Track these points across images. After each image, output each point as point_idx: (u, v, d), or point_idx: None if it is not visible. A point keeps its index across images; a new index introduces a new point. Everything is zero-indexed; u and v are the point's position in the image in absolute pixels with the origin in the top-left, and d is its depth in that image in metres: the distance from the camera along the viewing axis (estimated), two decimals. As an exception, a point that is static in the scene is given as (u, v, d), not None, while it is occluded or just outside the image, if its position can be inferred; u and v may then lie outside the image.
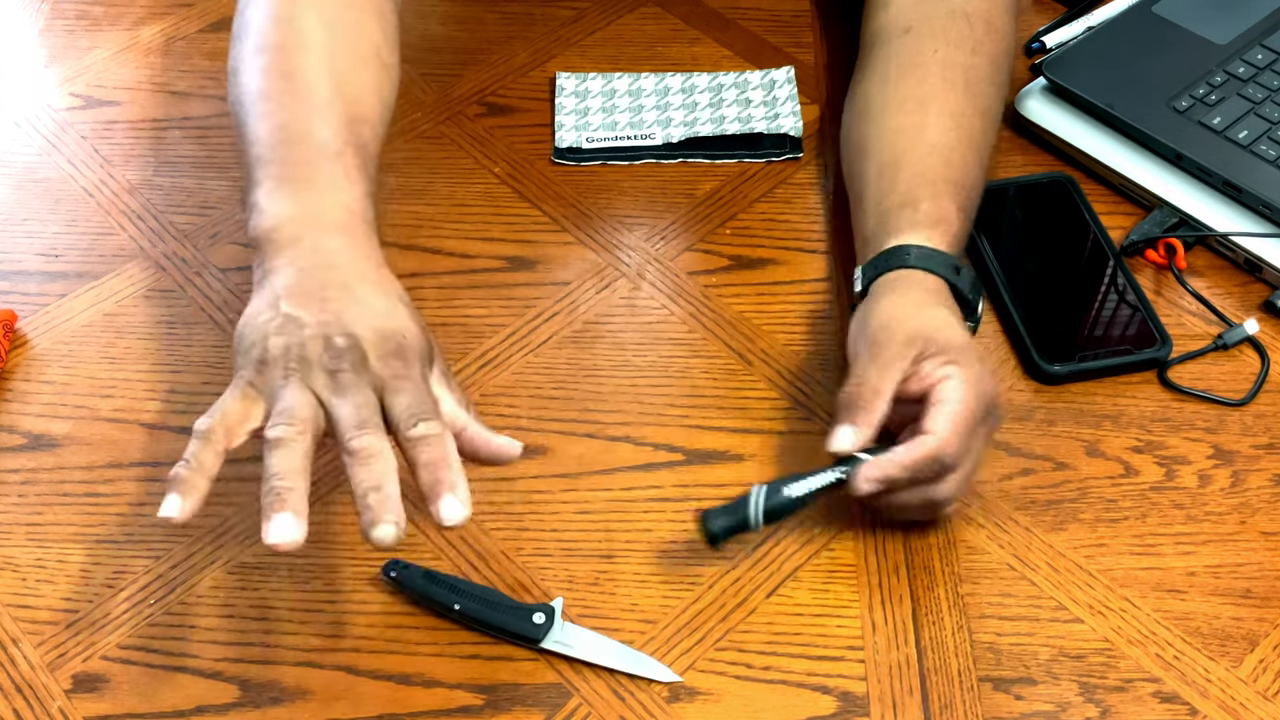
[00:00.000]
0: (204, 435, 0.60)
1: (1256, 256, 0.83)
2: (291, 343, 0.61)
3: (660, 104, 0.95)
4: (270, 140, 0.70)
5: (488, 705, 0.67)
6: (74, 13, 1.06)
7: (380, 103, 0.76)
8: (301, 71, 0.73)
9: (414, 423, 0.60)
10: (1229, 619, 0.69)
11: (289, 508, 0.58)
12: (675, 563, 0.72)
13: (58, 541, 0.74)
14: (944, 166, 0.77)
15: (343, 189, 0.69)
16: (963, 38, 0.82)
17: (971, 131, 0.79)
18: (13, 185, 0.93)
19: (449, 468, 0.60)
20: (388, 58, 0.79)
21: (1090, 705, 0.66)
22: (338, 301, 0.63)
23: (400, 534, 0.58)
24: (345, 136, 0.71)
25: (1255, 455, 0.76)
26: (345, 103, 0.73)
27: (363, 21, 0.78)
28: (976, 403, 0.67)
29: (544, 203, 0.90)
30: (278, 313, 0.63)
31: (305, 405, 0.60)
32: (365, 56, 0.77)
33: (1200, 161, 0.86)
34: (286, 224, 0.67)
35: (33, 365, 0.82)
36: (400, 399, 0.61)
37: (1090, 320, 0.82)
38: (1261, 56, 0.92)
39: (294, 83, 0.73)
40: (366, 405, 0.61)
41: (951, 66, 0.82)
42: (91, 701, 0.67)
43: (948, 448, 0.66)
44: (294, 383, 0.61)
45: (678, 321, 0.83)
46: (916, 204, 0.76)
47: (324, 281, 0.64)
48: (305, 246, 0.66)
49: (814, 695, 0.67)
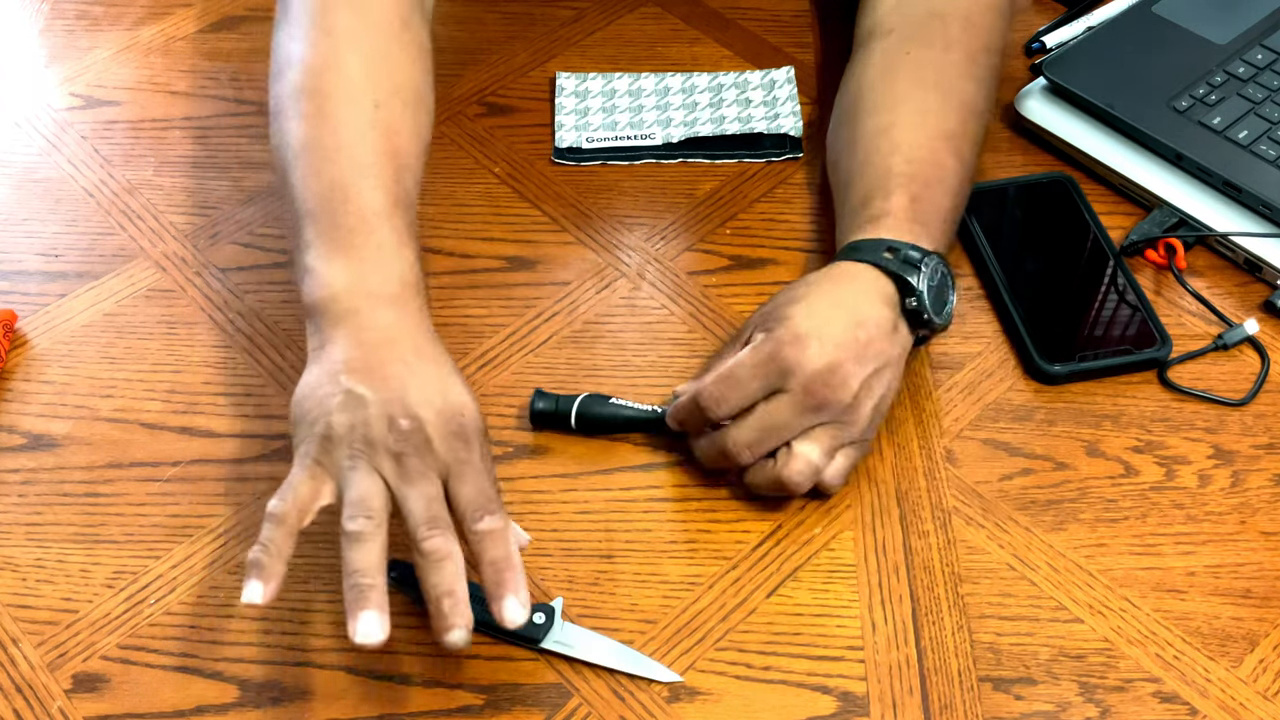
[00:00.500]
0: (278, 519, 0.62)
1: (1256, 256, 0.83)
2: (355, 421, 0.63)
3: (660, 104, 0.95)
4: (318, 197, 0.71)
5: (488, 705, 0.67)
6: (74, 13, 1.06)
7: (420, 144, 0.76)
8: (347, 122, 0.73)
9: (479, 517, 0.63)
10: (1229, 619, 0.69)
11: (373, 605, 0.60)
12: (675, 563, 0.72)
13: (58, 541, 0.74)
14: (904, 164, 0.77)
15: (395, 256, 0.70)
16: (936, 36, 0.83)
17: (945, 125, 0.80)
18: (13, 185, 0.93)
19: (512, 568, 0.62)
20: (427, 95, 0.79)
21: (1090, 705, 0.66)
22: (398, 379, 0.65)
23: (469, 636, 0.61)
24: (394, 194, 0.72)
25: (1255, 455, 0.76)
26: (390, 155, 0.73)
27: (403, 60, 0.77)
28: (756, 364, 0.70)
29: (544, 203, 0.90)
30: (339, 387, 0.64)
31: (377, 495, 0.62)
32: (407, 99, 0.76)
33: (1200, 161, 0.86)
34: (342, 295, 0.68)
35: (33, 365, 0.82)
36: (465, 488, 0.63)
37: (1090, 320, 0.82)
38: (1261, 56, 0.92)
39: (339, 135, 0.72)
40: (435, 499, 0.63)
41: (923, 65, 0.82)
42: (91, 701, 0.67)
43: (702, 396, 0.70)
44: (362, 466, 0.63)
45: (678, 321, 0.83)
46: (868, 203, 0.77)
47: (384, 358, 0.66)
48: (363, 320, 0.67)
49: (814, 695, 0.67)
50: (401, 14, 0.78)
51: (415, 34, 0.79)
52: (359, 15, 0.76)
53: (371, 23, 0.76)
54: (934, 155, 0.78)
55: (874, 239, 0.74)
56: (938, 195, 0.77)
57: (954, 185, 0.79)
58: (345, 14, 0.76)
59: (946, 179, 0.78)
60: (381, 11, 0.77)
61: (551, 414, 0.77)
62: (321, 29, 0.75)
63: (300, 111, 0.73)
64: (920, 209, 0.76)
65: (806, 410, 0.69)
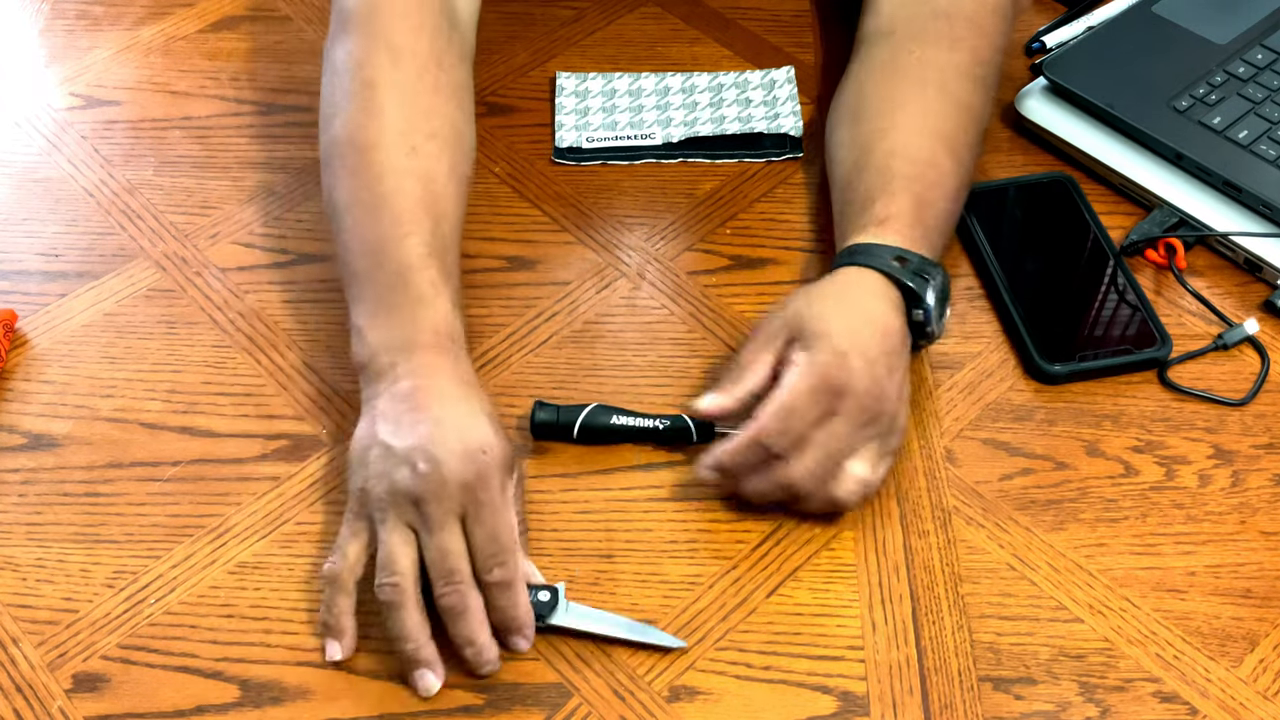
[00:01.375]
0: (335, 583, 0.68)
1: (1256, 256, 0.83)
2: (384, 471, 0.67)
3: (660, 104, 0.95)
4: (360, 256, 0.74)
5: (488, 705, 0.67)
6: (74, 13, 1.06)
7: (458, 182, 0.78)
8: (385, 173, 0.75)
9: (489, 568, 0.66)
10: (1229, 619, 0.69)
11: (424, 664, 0.66)
12: (675, 563, 0.72)
13: (58, 541, 0.74)
14: (906, 165, 0.78)
15: (429, 307, 0.72)
16: (940, 36, 0.83)
17: (944, 127, 0.80)
18: (13, 185, 0.93)
19: (517, 618, 0.67)
20: (465, 130, 0.81)
21: (1090, 705, 0.66)
22: (423, 425, 0.68)
23: (497, 668, 0.67)
24: (430, 244, 0.74)
25: (1255, 455, 0.76)
26: (428, 204, 0.75)
27: (438, 101, 0.79)
28: (811, 391, 0.68)
29: (544, 203, 0.90)
30: (375, 440, 0.68)
31: (403, 555, 0.66)
32: (446, 138, 0.78)
33: (1200, 161, 0.86)
34: (381, 353, 0.71)
35: (33, 365, 0.82)
36: (479, 532, 0.66)
37: (1090, 320, 0.82)
38: (1261, 56, 0.92)
39: (378, 188, 0.75)
40: (452, 551, 0.66)
41: (926, 66, 0.82)
42: (91, 701, 0.67)
43: (765, 434, 0.69)
44: (390, 520, 0.67)
45: (678, 321, 0.83)
46: (870, 204, 0.77)
47: (412, 405, 0.69)
48: (398, 373, 0.70)
49: (814, 695, 0.67)
50: (436, 56, 0.80)
51: (450, 74, 0.81)
52: (395, 64, 0.78)
53: (407, 70, 0.78)
54: (934, 158, 0.79)
55: (881, 244, 0.74)
56: (938, 199, 0.78)
57: (954, 189, 0.79)
58: (383, 64, 0.78)
59: (946, 182, 0.79)
60: (415, 58, 0.79)
61: (553, 425, 0.76)
62: (360, 80, 0.78)
63: (343, 165, 0.77)
64: (923, 214, 0.76)
65: (860, 427, 0.70)
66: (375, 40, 0.79)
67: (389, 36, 0.79)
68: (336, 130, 0.78)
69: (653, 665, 0.68)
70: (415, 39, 0.79)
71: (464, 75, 0.83)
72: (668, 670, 0.68)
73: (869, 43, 0.87)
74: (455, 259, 0.76)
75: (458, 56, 0.82)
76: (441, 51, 0.81)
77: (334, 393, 0.80)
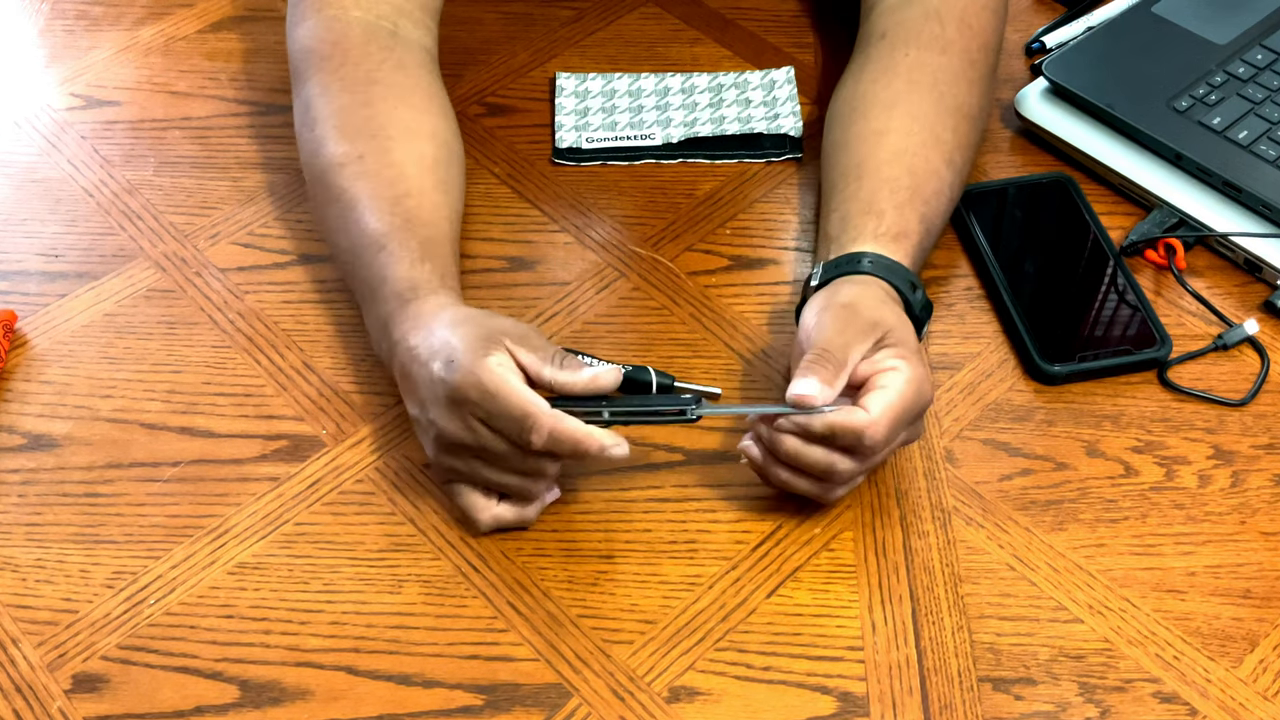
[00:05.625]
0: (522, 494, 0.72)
1: (1256, 256, 0.83)
2: (422, 436, 0.73)
3: (660, 104, 0.95)
4: (365, 284, 0.76)
5: (488, 705, 0.67)
6: (74, 13, 1.06)
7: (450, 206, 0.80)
8: (375, 207, 0.77)
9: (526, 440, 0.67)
10: (1229, 619, 0.69)
11: None
12: (675, 563, 0.72)
13: (58, 541, 0.74)
14: (908, 174, 0.78)
15: (387, 283, 0.74)
16: (933, 38, 0.84)
17: (937, 131, 0.81)
18: (13, 185, 0.93)
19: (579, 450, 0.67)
20: (453, 142, 0.84)
21: (1090, 705, 0.66)
22: (409, 380, 0.71)
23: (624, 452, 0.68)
24: (387, 234, 0.76)
25: (1255, 455, 0.76)
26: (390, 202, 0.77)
27: (423, 121, 0.82)
28: (913, 402, 0.68)
29: (544, 203, 0.90)
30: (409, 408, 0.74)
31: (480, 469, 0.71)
32: (439, 157, 0.81)
33: (1200, 161, 0.86)
34: (380, 341, 0.75)
35: (33, 365, 0.82)
36: (492, 423, 0.68)
37: (1090, 320, 0.82)
38: (1261, 56, 0.92)
39: (338, 205, 0.79)
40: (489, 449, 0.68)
41: (920, 68, 0.83)
42: (91, 701, 0.67)
43: (874, 429, 0.66)
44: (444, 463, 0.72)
45: (678, 321, 0.83)
46: (881, 214, 0.77)
47: (404, 374, 0.72)
48: (393, 350, 0.73)
49: (814, 695, 0.67)
50: (422, 85, 0.84)
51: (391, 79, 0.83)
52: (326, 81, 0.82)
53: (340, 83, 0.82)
54: (928, 166, 0.79)
55: (899, 264, 0.75)
56: (933, 213, 0.79)
57: (950, 200, 0.81)
58: (318, 82, 0.83)
59: (944, 190, 0.80)
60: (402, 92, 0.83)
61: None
62: (301, 102, 0.83)
63: (311, 188, 0.82)
64: (926, 232, 0.78)
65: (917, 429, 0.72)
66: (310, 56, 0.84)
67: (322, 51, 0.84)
68: (325, 143, 0.81)
69: (653, 665, 0.68)
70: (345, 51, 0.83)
71: (408, 79, 0.84)
72: (667, 670, 0.68)
73: (864, 45, 0.88)
74: (429, 233, 0.77)
75: (395, 65, 0.84)
76: (427, 79, 0.85)
77: (334, 393, 0.80)
